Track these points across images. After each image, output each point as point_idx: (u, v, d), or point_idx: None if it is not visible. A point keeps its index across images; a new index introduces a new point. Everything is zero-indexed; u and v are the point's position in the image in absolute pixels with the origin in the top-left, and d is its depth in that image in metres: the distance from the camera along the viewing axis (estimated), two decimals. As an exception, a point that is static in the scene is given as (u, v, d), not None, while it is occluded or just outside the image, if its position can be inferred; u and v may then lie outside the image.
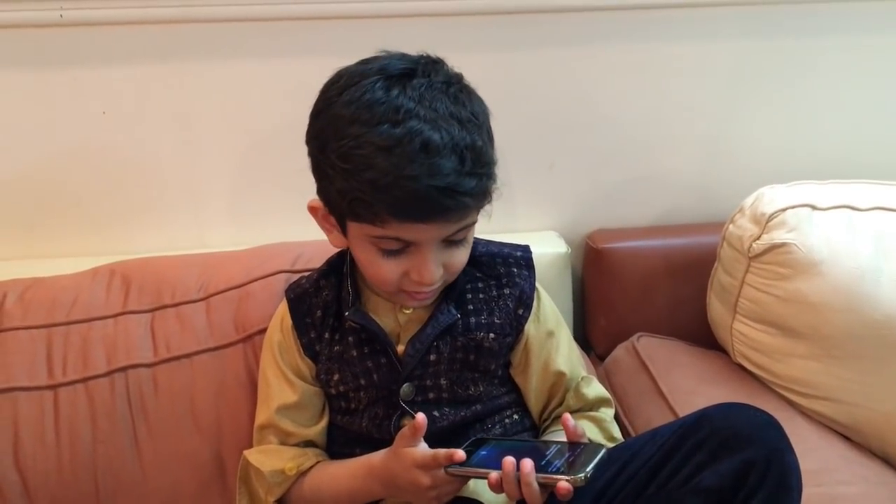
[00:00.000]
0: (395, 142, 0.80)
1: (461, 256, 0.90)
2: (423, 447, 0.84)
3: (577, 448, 0.84)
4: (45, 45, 1.18)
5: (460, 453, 0.82)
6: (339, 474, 0.94)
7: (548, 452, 0.83)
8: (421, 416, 0.84)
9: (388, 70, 0.85)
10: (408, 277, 0.88)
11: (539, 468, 0.80)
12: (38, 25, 1.17)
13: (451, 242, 0.88)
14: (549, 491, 0.80)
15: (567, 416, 0.85)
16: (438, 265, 0.87)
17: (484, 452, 0.86)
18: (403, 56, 0.88)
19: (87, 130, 1.23)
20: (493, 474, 0.81)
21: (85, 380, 1.04)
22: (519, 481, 0.79)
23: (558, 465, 0.81)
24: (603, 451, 0.82)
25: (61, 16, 1.16)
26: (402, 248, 0.86)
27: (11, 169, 1.24)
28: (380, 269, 0.88)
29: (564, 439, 0.86)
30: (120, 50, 1.20)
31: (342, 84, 0.86)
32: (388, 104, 0.82)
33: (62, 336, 1.06)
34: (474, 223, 0.89)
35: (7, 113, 1.21)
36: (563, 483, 0.78)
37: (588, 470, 0.79)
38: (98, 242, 1.27)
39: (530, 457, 0.80)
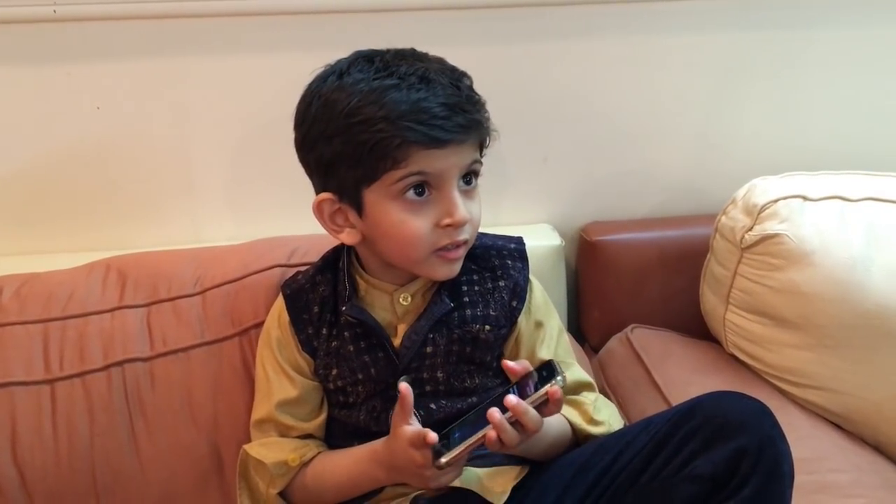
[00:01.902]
0: (397, 82, 0.86)
1: (477, 209, 0.93)
2: (415, 426, 0.84)
3: (530, 375, 0.85)
4: (38, 41, 1.18)
5: (432, 434, 0.82)
6: (342, 462, 0.95)
7: (511, 391, 0.84)
8: (403, 385, 0.84)
9: (358, 52, 0.91)
10: (439, 229, 0.89)
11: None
12: (31, 21, 1.17)
13: (466, 192, 0.90)
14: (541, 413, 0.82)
15: (505, 360, 0.87)
16: (465, 207, 0.89)
17: (458, 434, 0.85)
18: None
19: (81, 126, 1.23)
20: (489, 432, 0.81)
21: (82, 374, 1.04)
22: (512, 424, 0.81)
23: (530, 390, 0.83)
24: (553, 360, 0.84)
25: (54, 11, 1.16)
26: (426, 194, 0.88)
27: (6, 165, 1.24)
28: (411, 227, 0.88)
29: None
30: (113, 45, 1.20)
31: (315, 84, 0.91)
32: (375, 67, 0.87)
33: (59, 331, 1.06)
34: (480, 166, 0.92)
35: (0, 109, 1.21)
36: (553, 388, 0.80)
37: (559, 376, 0.81)
38: (94, 238, 1.27)
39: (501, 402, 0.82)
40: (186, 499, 1.04)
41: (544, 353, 0.99)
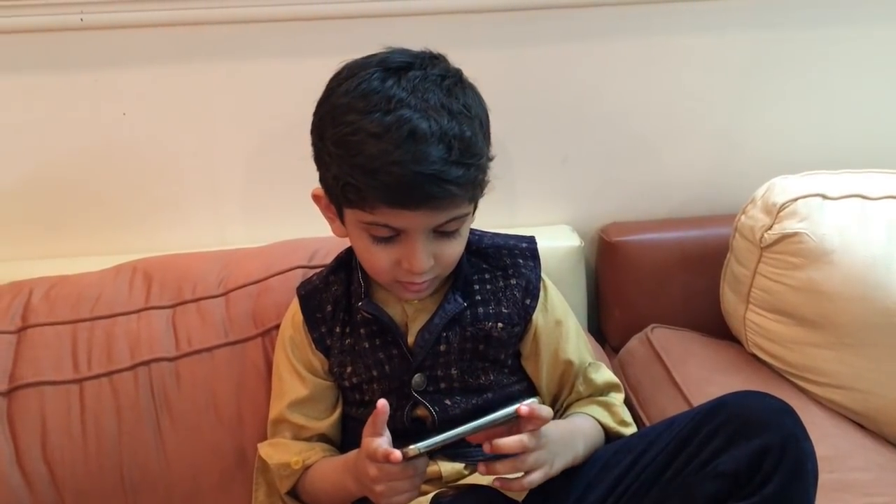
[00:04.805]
0: (385, 129, 0.82)
1: (453, 249, 0.90)
2: (386, 438, 0.83)
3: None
4: (65, 49, 1.20)
5: (396, 454, 0.80)
6: (329, 468, 0.95)
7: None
8: (381, 402, 0.83)
9: (387, 62, 0.87)
10: (399, 267, 0.89)
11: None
12: (58, 29, 1.19)
13: (442, 234, 0.88)
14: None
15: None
16: (429, 255, 0.87)
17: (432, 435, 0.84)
18: (405, 51, 0.90)
19: (108, 132, 1.25)
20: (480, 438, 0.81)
21: (109, 373, 1.06)
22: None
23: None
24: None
25: (81, 20, 1.18)
26: (393, 236, 0.87)
27: (36, 170, 1.26)
28: (372, 256, 0.89)
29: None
30: (139, 52, 1.22)
31: (343, 76, 0.89)
32: (383, 93, 0.83)
33: (87, 331, 1.08)
34: (467, 215, 0.89)
35: (30, 115, 1.23)
36: (522, 408, 0.80)
37: (530, 399, 0.82)
38: (120, 241, 1.29)
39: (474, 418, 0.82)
40: (211, 495, 1.05)
41: (570, 351, 1.00)
